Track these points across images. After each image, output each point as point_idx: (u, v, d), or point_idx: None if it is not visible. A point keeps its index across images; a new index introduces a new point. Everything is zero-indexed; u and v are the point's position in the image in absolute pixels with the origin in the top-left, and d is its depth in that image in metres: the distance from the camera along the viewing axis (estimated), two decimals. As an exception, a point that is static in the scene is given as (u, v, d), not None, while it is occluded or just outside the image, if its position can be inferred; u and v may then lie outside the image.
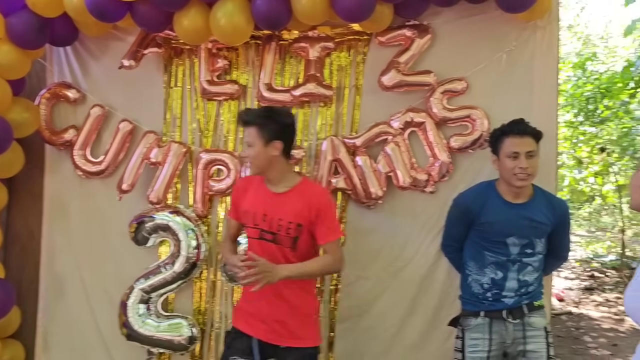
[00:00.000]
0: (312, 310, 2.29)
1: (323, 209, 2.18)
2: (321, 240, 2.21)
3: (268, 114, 2.18)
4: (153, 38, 2.93)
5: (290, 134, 2.23)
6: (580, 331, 5.37)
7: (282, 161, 2.19)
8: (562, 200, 2.54)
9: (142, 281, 2.87)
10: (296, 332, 2.21)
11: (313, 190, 2.26)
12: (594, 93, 7.31)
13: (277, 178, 2.22)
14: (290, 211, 2.17)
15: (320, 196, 2.24)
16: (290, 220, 2.17)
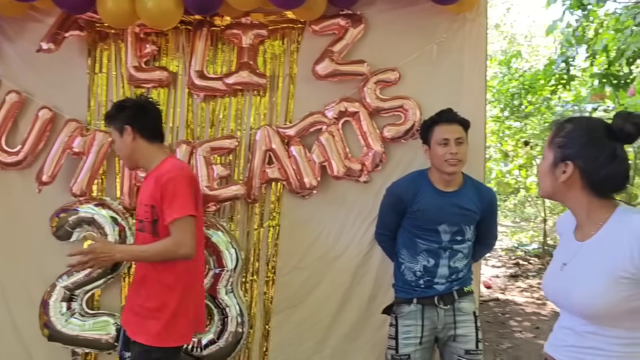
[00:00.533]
0: (163, 306, 2.05)
1: (164, 186, 2.01)
2: (166, 221, 2.01)
3: (114, 107, 2.20)
4: (75, 20, 2.76)
5: (141, 116, 2.15)
6: (506, 316, 5.64)
7: (143, 145, 2.14)
8: (490, 188, 2.64)
9: (64, 278, 2.71)
10: (139, 325, 2.08)
11: (163, 168, 2.10)
12: (518, 89, 7.68)
13: (145, 163, 2.17)
14: (145, 194, 2.10)
15: (164, 174, 2.06)
16: (146, 203, 2.09)
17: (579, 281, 1.39)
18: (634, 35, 5.34)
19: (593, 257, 1.38)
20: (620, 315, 1.33)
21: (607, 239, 1.37)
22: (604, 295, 1.32)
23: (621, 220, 1.37)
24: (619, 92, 5.59)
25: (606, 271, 1.33)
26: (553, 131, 1.49)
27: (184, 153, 2.72)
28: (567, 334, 1.46)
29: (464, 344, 2.35)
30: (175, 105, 2.85)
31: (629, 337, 1.34)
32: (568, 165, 1.40)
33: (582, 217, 1.45)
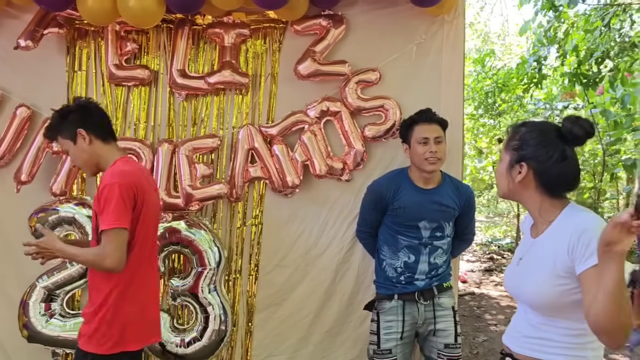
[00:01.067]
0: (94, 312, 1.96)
1: (100, 193, 1.90)
2: (99, 229, 1.91)
3: (56, 117, 2.04)
4: (54, 17, 2.72)
5: (90, 117, 2.03)
6: (481, 309, 5.77)
7: (100, 146, 2.02)
8: (467, 185, 2.71)
9: (44, 278, 2.68)
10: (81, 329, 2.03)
11: (106, 174, 1.99)
12: (492, 88, 7.83)
13: (105, 165, 2.04)
14: (95, 200, 1.99)
15: (103, 179, 1.94)
16: (94, 208, 2.00)
17: (529, 275, 1.49)
18: (603, 36, 5.51)
19: (541, 252, 1.48)
20: (565, 307, 1.40)
21: (554, 235, 1.46)
22: (547, 288, 1.41)
23: (567, 217, 1.47)
24: (588, 91, 5.75)
25: (549, 265, 1.42)
26: (509, 135, 1.58)
27: (166, 152, 2.71)
28: (522, 326, 1.54)
29: (444, 339, 2.41)
30: (156, 104, 2.84)
31: (578, 328, 1.40)
32: (523, 166, 1.49)
33: (535, 215, 1.54)
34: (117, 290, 1.95)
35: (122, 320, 1.96)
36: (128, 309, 1.97)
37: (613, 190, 7.95)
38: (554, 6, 5.45)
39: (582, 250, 1.35)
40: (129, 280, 1.97)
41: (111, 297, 1.95)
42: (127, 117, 2.84)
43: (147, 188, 2.02)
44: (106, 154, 2.04)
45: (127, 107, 2.84)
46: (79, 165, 2.10)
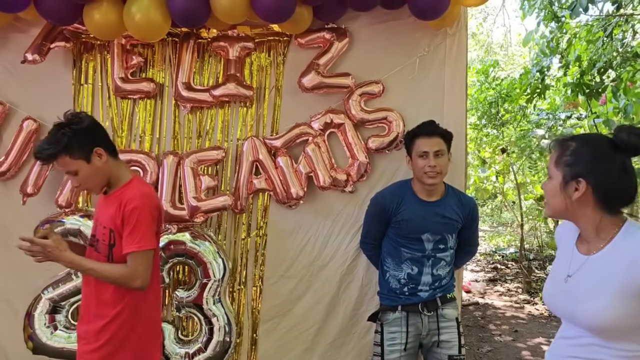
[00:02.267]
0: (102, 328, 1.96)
1: (127, 214, 1.90)
2: (124, 249, 1.91)
3: (71, 134, 1.90)
4: (60, 31, 2.76)
5: (102, 133, 2.01)
6: (485, 320, 5.74)
7: (113, 163, 1.99)
8: (471, 197, 2.71)
9: (50, 290, 2.69)
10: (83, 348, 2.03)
11: (127, 192, 1.96)
12: (495, 98, 7.84)
13: (115, 182, 2.01)
14: (107, 215, 1.96)
15: (129, 201, 1.92)
16: (104, 225, 1.97)
17: (586, 295, 1.39)
18: (605, 46, 5.52)
19: (601, 270, 1.38)
20: (628, 330, 1.33)
21: (615, 254, 1.37)
22: (612, 310, 1.32)
23: (631, 234, 1.37)
24: (591, 101, 5.76)
25: (615, 285, 1.33)
26: (558, 150, 1.47)
27: (171, 164, 2.73)
28: (569, 345, 1.46)
29: (448, 350, 2.41)
30: (162, 116, 2.87)
31: (634, 350, 1.34)
32: (580, 182, 1.39)
33: (590, 234, 1.44)
34: (130, 307, 1.96)
35: (135, 339, 1.97)
36: (141, 326, 1.99)
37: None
38: (556, 17, 5.48)
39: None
40: (143, 297, 1.99)
41: (124, 313, 1.94)
42: (133, 130, 2.87)
43: (162, 210, 2.05)
44: (117, 170, 2.01)
45: (132, 120, 2.87)
46: (90, 186, 1.99)
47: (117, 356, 1.94)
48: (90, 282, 2.00)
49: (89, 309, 2.01)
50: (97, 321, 1.96)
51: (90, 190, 2.02)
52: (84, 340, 1.99)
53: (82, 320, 2.05)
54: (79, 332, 2.04)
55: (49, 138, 1.92)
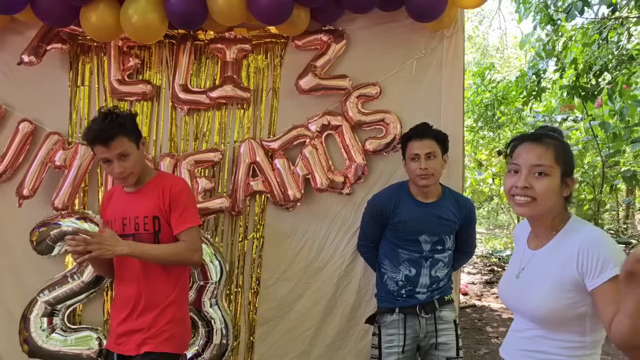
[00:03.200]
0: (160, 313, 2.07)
1: (175, 196, 2.06)
2: (175, 229, 2.05)
3: (130, 117, 2.04)
4: (57, 33, 2.75)
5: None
6: (482, 322, 5.74)
7: (143, 157, 2.14)
8: (468, 198, 2.71)
9: (46, 293, 2.68)
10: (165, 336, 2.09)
11: (166, 180, 2.13)
12: (491, 100, 7.88)
13: (145, 176, 2.11)
14: (144, 206, 2.06)
15: (173, 185, 2.10)
16: (146, 215, 2.06)
17: (531, 287, 1.47)
18: (601, 49, 5.56)
19: (545, 264, 1.46)
20: (569, 320, 1.39)
21: (557, 247, 1.45)
22: (552, 301, 1.39)
23: (571, 230, 1.45)
24: (587, 103, 5.79)
25: (555, 277, 1.40)
26: (555, 147, 1.45)
27: (168, 166, 2.73)
28: (519, 338, 1.54)
29: (445, 352, 2.40)
30: (158, 118, 2.86)
31: (577, 341, 1.40)
32: (572, 180, 1.46)
33: (546, 227, 1.49)
34: (181, 289, 2.13)
35: (185, 320, 2.15)
36: (186, 306, 2.17)
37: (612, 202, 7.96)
38: (552, 20, 5.51)
39: (592, 265, 1.33)
40: (186, 279, 2.17)
41: (179, 296, 2.11)
42: (130, 132, 2.85)
43: None
44: (145, 164, 2.16)
45: (129, 122, 2.85)
46: (135, 171, 2.04)
47: (176, 335, 2.08)
48: (137, 278, 2.04)
49: (137, 305, 2.04)
50: (151, 311, 2.04)
51: (131, 177, 2.04)
52: (138, 333, 2.03)
53: (127, 319, 2.05)
54: (124, 331, 2.05)
55: (103, 122, 1.97)
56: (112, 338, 2.10)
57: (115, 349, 2.08)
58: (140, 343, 2.02)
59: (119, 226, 2.09)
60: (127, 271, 2.07)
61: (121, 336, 2.06)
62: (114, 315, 2.13)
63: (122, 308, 2.08)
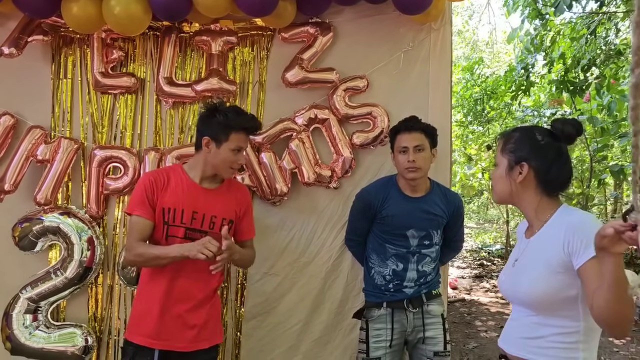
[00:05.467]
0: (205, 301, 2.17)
1: (249, 205, 2.29)
2: (245, 236, 2.27)
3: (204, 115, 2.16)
4: (38, 24, 2.70)
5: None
6: (472, 316, 5.77)
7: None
8: (456, 193, 2.70)
9: (28, 289, 2.64)
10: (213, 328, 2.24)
11: (240, 187, 2.32)
12: (481, 95, 7.89)
13: (219, 175, 2.19)
14: (225, 207, 2.15)
15: (246, 193, 2.33)
16: (225, 217, 2.14)
17: (524, 273, 1.53)
18: (589, 43, 5.57)
19: (536, 250, 1.53)
20: (559, 304, 1.44)
21: (548, 234, 1.51)
22: (542, 283, 1.45)
23: (561, 216, 1.52)
24: (575, 98, 5.81)
25: (544, 261, 1.46)
26: (502, 141, 1.64)
27: (153, 160, 2.69)
28: (516, 327, 1.58)
29: (433, 346, 2.40)
30: (143, 111, 2.82)
31: (570, 326, 1.44)
32: (523, 166, 1.54)
33: (531, 216, 1.59)
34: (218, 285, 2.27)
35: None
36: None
37: (601, 196, 8.01)
38: (540, 14, 5.51)
39: (578, 244, 1.39)
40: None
41: (216, 290, 2.24)
42: (113, 125, 2.81)
43: None
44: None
45: (113, 115, 2.81)
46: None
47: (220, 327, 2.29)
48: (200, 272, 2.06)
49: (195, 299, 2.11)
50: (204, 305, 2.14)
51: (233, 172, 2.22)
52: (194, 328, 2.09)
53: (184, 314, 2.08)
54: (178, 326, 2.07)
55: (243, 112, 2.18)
56: (154, 333, 2.04)
57: (157, 345, 2.04)
58: (195, 339, 2.08)
59: (187, 218, 2.07)
60: (190, 266, 2.03)
61: (170, 332, 2.05)
62: (156, 309, 2.05)
63: (177, 303, 2.07)
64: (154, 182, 2.08)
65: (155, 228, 2.09)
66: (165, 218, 2.07)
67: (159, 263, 2.04)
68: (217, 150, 2.09)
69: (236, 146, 2.10)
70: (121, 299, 2.78)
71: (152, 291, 2.08)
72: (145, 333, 2.05)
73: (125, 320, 2.75)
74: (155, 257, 2.03)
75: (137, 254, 2.05)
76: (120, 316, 2.77)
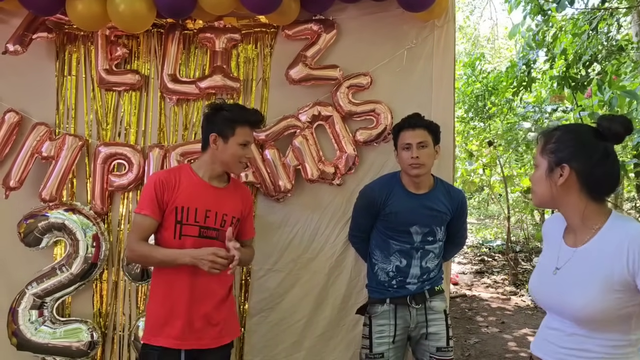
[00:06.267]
0: (225, 299, 2.20)
1: (252, 205, 2.35)
2: (247, 235, 2.31)
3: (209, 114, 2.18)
4: (43, 22, 2.71)
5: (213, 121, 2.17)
6: (473, 311, 5.79)
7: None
8: (460, 190, 2.71)
9: (34, 285, 2.66)
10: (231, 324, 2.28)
11: (243, 187, 2.36)
12: (482, 91, 7.89)
13: (228, 174, 2.25)
14: (233, 205, 2.19)
15: (250, 193, 2.39)
16: (234, 215, 2.18)
17: (575, 286, 1.41)
18: (590, 39, 5.57)
19: (589, 262, 1.40)
20: (613, 321, 1.35)
21: (603, 245, 1.39)
22: (599, 302, 1.34)
23: (618, 226, 1.39)
24: (577, 94, 5.80)
25: (602, 277, 1.35)
26: (543, 140, 1.51)
27: (157, 157, 2.70)
28: (555, 335, 1.49)
29: (436, 342, 2.41)
30: (147, 108, 2.83)
31: (619, 340, 1.37)
32: (564, 168, 1.43)
33: (576, 222, 1.47)
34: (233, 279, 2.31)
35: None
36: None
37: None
38: (542, 10, 5.51)
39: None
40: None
41: (232, 285, 2.26)
42: (118, 122, 2.82)
43: None
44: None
45: (117, 112, 2.83)
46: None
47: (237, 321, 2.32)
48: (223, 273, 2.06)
49: (217, 297, 2.13)
50: (224, 302, 2.17)
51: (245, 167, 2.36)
52: (218, 325, 2.12)
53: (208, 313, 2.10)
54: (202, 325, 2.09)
55: (246, 107, 2.23)
56: (182, 335, 2.04)
57: (184, 346, 2.04)
58: (219, 335, 2.12)
59: (200, 217, 2.08)
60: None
61: (197, 331, 2.06)
62: (182, 311, 2.05)
63: (202, 302, 2.08)
64: (165, 182, 2.07)
65: (165, 228, 2.08)
66: (178, 217, 2.06)
67: (164, 266, 2.08)
68: (224, 145, 2.10)
69: (243, 140, 2.12)
70: (126, 295, 2.80)
71: (175, 293, 2.06)
72: (173, 335, 2.04)
73: (130, 315, 2.77)
74: (160, 262, 2.07)
75: (140, 255, 2.08)
76: (125, 312, 2.79)
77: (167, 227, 2.08)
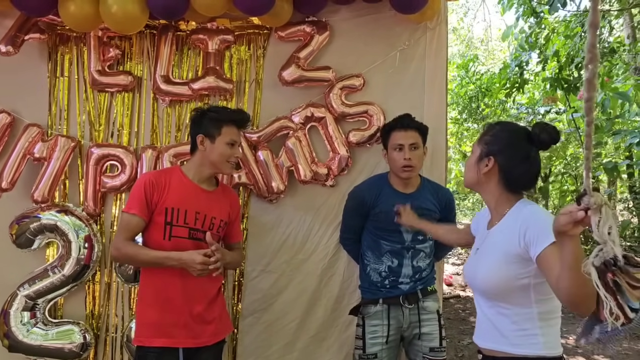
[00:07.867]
0: (215, 300, 2.22)
1: (239, 210, 2.36)
2: (234, 239, 2.33)
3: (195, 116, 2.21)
4: (35, 22, 2.70)
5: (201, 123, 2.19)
6: (466, 312, 5.81)
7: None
8: (446, 188, 2.72)
9: (26, 287, 2.64)
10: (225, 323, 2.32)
11: (231, 191, 2.39)
12: (475, 92, 7.92)
13: (217, 177, 2.30)
14: (222, 209, 2.21)
15: (237, 198, 2.41)
16: (222, 219, 2.21)
17: (483, 261, 1.63)
18: (583, 41, 5.60)
19: (494, 241, 1.62)
20: (512, 292, 1.52)
21: (504, 225, 1.60)
22: (498, 272, 1.54)
23: (518, 209, 1.60)
24: (569, 95, 5.84)
25: (501, 252, 1.55)
26: (484, 130, 1.73)
27: (150, 158, 2.70)
28: (481, 321, 1.66)
29: (429, 342, 2.43)
30: (140, 110, 2.82)
31: (524, 313, 1.52)
32: (490, 159, 1.63)
33: (492, 207, 1.69)
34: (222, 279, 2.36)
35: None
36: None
37: (594, 193, 8.03)
38: (535, 12, 5.55)
39: (534, 235, 1.45)
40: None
41: (222, 284, 2.29)
42: (110, 124, 2.82)
43: None
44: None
45: (110, 113, 2.82)
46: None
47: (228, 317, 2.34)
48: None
49: (210, 296, 2.17)
50: (216, 300, 2.20)
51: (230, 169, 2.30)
52: (212, 323, 2.16)
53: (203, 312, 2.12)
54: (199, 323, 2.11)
55: (231, 108, 2.31)
56: (179, 334, 2.05)
57: (182, 344, 2.05)
58: (214, 332, 2.15)
59: (190, 219, 2.09)
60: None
61: (194, 329, 2.08)
62: (177, 311, 2.06)
63: (196, 301, 2.10)
64: (155, 183, 2.08)
65: (154, 229, 2.09)
66: (168, 218, 2.07)
67: (149, 267, 2.10)
68: (212, 145, 2.12)
69: (230, 139, 2.14)
70: (118, 296, 2.79)
71: (168, 293, 2.07)
72: (170, 335, 2.05)
73: (122, 317, 2.77)
74: (144, 263, 2.10)
75: (125, 254, 2.08)
76: (118, 313, 2.78)
77: (156, 227, 2.08)
